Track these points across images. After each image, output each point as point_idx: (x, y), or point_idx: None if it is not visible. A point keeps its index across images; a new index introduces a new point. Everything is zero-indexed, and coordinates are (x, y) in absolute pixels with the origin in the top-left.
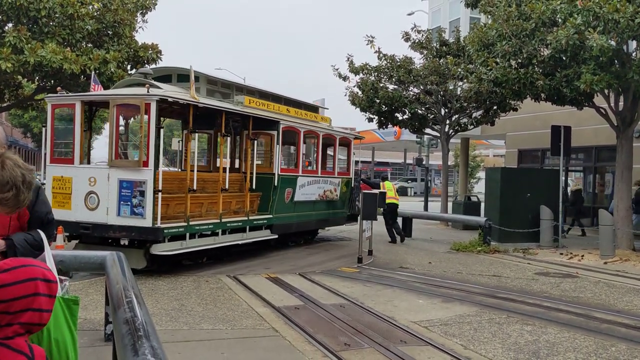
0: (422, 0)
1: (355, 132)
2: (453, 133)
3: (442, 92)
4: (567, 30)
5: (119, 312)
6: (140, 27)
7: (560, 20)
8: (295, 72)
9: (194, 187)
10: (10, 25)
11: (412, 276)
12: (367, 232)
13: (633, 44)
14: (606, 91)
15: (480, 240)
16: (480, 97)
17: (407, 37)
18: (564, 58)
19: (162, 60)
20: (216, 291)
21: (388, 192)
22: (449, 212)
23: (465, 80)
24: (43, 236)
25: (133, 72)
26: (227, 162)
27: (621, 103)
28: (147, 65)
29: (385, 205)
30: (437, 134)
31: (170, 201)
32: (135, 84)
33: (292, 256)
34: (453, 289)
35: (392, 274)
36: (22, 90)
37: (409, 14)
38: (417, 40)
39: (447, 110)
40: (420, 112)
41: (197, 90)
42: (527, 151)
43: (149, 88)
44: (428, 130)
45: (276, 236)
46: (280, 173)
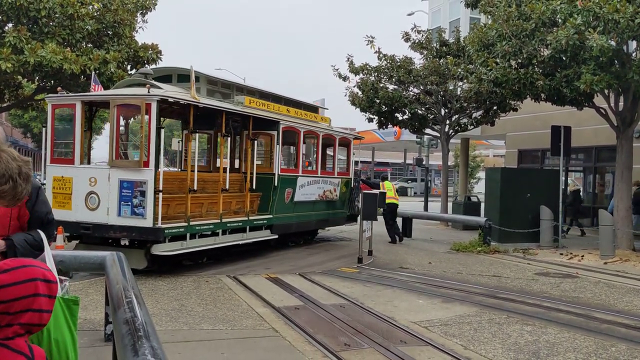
0: (422, 0)
1: (355, 133)
2: (453, 133)
3: (442, 93)
4: (567, 30)
5: (119, 313)
6: (140, 27)
7: (560, 20)
8: (295, 72)
9: (195, 188)
10: (10, 25)
11: (412, 276)
12: (367, 232)
13: (633, 44)
14: (606, 91)
15: (480, 240)
16: (480, 97)
17: (407, 37)
18: (564, 58)
19: (162, 60)
20: (216, 291)
21: (388, 192)
22: (449, 212)
23: (465, 81)
24: (43, 236)
25: (133, 72)
26: (227, 162)
27: (621, 103)
28: (147, 66)
29: (385, 205)
30: (437, 134)
31: (171, 201)
32: (135, 84)
33: (292, 256)
34: (453, 289)
35: (392, 274)
36: (22, 91)
37: (409, 14)
38: (417, 41)
39: (447, 110)
40: (420, 112)
41: (197, 90)
42: (527, 151)
43: (149, 88)
44: (428, 131)
45: (276, 236)
46: (280, 173)
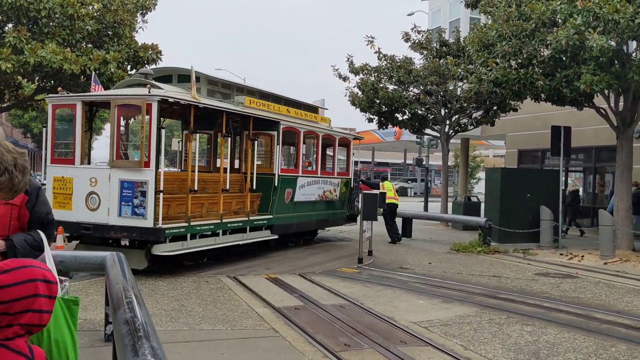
0: (422, 0)
1: (354, 133)
2: (453, 133)
3: (442, 93)
4: (567, 30)
5: (119, 313)
6: (140, 28)
7: (560, 20)
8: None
9: (195, 188)
10: (10, 25)
11: (412, 277)
12: (367, 232)
13: (633, 45)
14: (606, 91)
15: (480, 240)
16: (480, 97)
17: (407, 37)
18: (564, 58)
19: (162, 60)
20: (216, 292)
21: (388, 192)
22: (449, 212)
23: (465, 81)
24: (43, 237)
25: (133, 72)
26: (227, 162)
27: (621, 103)
28: (147, 66)
29: (385, 205)
30: (437, 135)
31: (171, 202)
32: (136, 85)
33: (292, 256)
34: (453, 290)
35: (392, 274)
36: (22, 91)
37: (409, 15)
38: (417, 41)
39: (447, 110)
40: (420, 112)
41: (197, 90)
42: (527, 151)
43: (150, 88)
44: (428, 131)
45: (276, 236)
46: (280, 173)
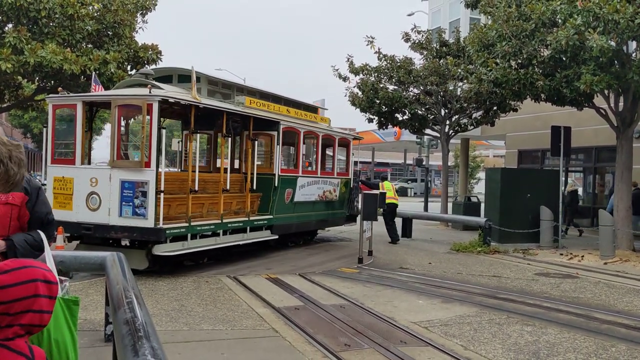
0: (422, 0)
1: (354, 133)
2: (453, 133)
3: (442, 93)
4: (567, 30)
5: (119, 313)
6: (140, 28)
7: (560, 20)
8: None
9: (196, 188)
10: (10, 25)
11: (412, 277)
12: (367, 232)
13: (633, 45)
14: (606, 92)
15: (480, 240)
16: (480, 97)
17: (407, 37)
18: (564, 59)
19: (162, 60)
20: (216, 292)
21: (387, 192)
22: (449, 212)
23: (465, 81)
24: (43, 237)
25: (133, 72)
26: (227, 162)
27: (621, 104)
28: (147, 66)
29: (385, 205)
30: (437, 135)
31: (172, 202)
32: (136, 85)
33: (293, 257)
34: (453, 290)
35: (392, 274)
36: (22, 91)
37: (409, 15)
38: (417, 41)
39: (447, 110)
40: (420, 112)
41: (198, 90)
42: (527, 152)
43: (150, 89)
44: (428, 131)
45: (276, 237)
46: (280, 174)
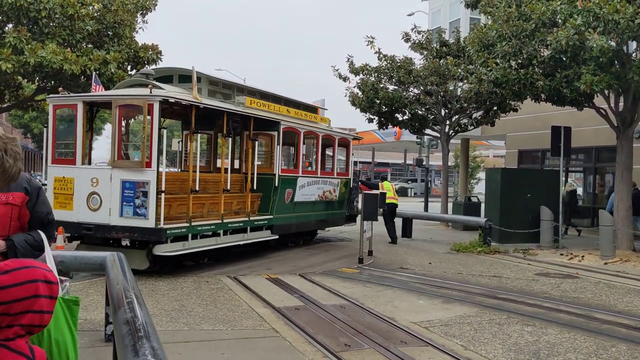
0: (422, 0)
1: (354, 133)
2: (453, 134)
3: (442, 93)
4: (567, 30)
5: (120, 313)
6: (140, 28)
7: (560, 20)
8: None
9: (197, 188)
10: (10, 25)
11: (412, 277)
12: (367, 232)
13: (633, 45)
14: (606, 92)
15: (480, 240)
16: (480, 97)
17: (407, 37)
18: (564, 59)
19: (162, 60)
20: (216, 292)
21: (387, 192)
22: (449, 212)
23: (466, 81)
24: (43, 237)
25: (133, 72)
26: (227, 162)
27: (621, 104)
28: (147, 66)
29: (385, 205)
30: (437, 135)
31: (172, 202)
32: (137, 85)
33: (293, 257)
34: (453, 290)
35: (393, 274)
36: (22, 91)
37: (409, 15)
38: (417, 41)
39: (447, 110)
40: (420, 112)
41: (198, 91)
42: (527, 152)
43: (151, 89)
44: (428, 131)
45: (277, 237)
46: (280, 174)
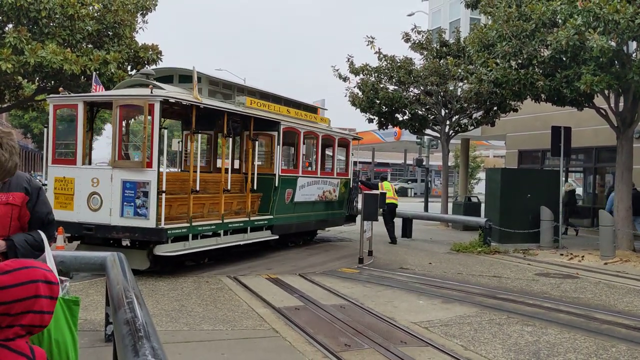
0: (422, 1)
1: (354, 133)
2: (453, 134)
3: (442, 93)
4: (567, 31)
5: (120, 313)
6: (140, 28)
7: (560, 21)
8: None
9: (197, 188)
10: (10, 26)
11: (412, 277)
12: (367, 232)
13: (633, 45)
14: (606, 92)
15: (480, 241)
16: (480, 97)
17: (407, 37)
18: (564, 59)
19: (162, 61)
20: (216, 292)
21: (387, 193)
22: (449, 212)
23: (466, 81)
24: (43, 237)
25: (133, 73)
26: (228, 162)
27: (621, 104)
28: (147, 66)
29: (385, 205)
30: (437, 135)
31: (173, 202)
32: (137, 85)
33: (293, 257)
34: (453, 290)
35: (393, 274)
36: (22, 91)
37: (409, 15)
38: (418, 41)
39: (447, 111)
40: (420, 112)
41: (199, 91)
42: (528, 152)
43: (152, 89)
44: (428, 131)
45: (277, 237)
46: (280, 174)
